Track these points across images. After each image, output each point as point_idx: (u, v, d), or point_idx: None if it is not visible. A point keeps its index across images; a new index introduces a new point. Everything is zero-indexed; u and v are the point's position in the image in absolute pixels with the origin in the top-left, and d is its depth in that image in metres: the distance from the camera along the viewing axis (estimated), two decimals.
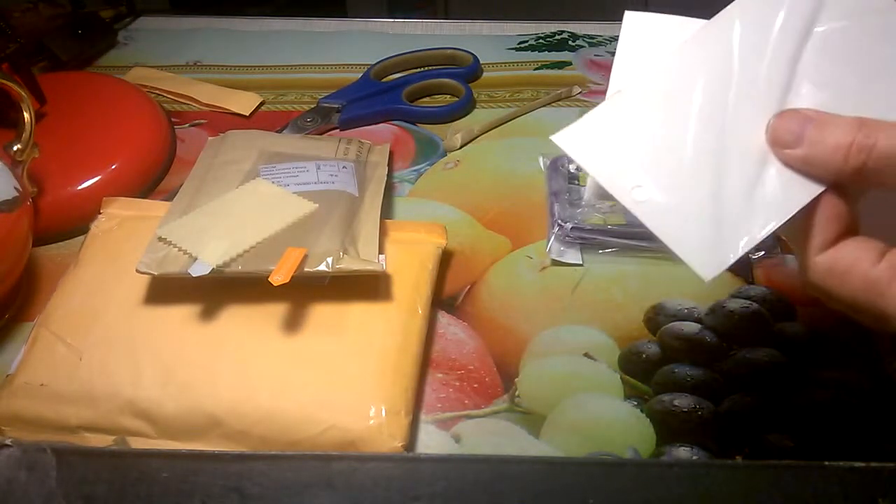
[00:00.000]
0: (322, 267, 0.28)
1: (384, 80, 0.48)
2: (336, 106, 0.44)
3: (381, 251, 0.30)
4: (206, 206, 0.31)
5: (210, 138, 0.38)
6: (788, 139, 0.19)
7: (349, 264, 0.28)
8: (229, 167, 0.34)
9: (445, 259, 0.34)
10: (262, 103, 0.46)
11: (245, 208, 0.31)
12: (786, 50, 0.20)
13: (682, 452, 0.28)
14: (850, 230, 0.19)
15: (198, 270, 0.28)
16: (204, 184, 0.33)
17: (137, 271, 0.29)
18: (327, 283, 0.30)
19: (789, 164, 0.19)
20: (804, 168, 0.19)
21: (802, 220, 0.19)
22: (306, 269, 0.28)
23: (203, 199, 0.32)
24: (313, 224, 0.30)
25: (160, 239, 0.30)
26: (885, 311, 0.18)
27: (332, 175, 0.33)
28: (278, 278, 0.27)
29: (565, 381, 0.30)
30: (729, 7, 0.21)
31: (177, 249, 0.29)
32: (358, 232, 0.31)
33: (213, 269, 0.28)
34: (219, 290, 0.30)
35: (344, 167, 0.34)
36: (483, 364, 0.31)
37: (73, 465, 0.24)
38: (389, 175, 0.37)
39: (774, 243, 0.35)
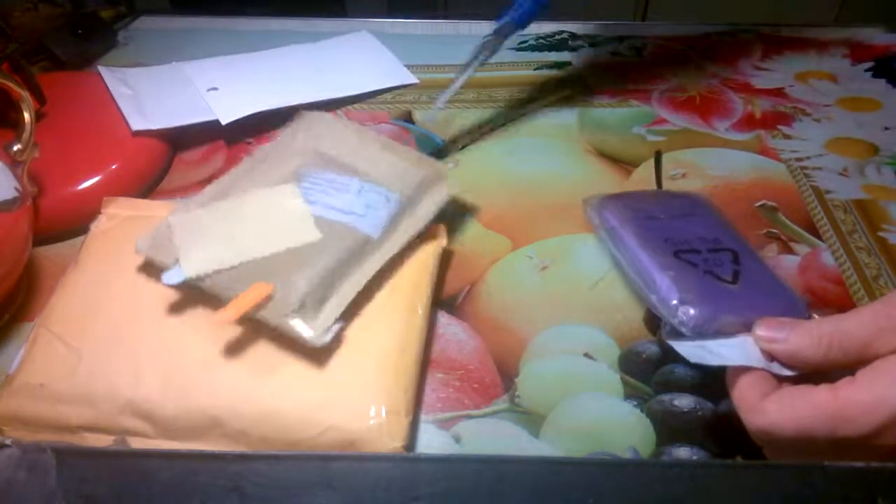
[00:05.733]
0: (267, 317, 0.27)
1: None
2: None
3: (343, 318, 0.28)
4: (224, 203, 0.31)
5: (304, 112, 0.37)
6: (774, 337, 0.25)
7: (289, 328, 0.27)
8: (285, 158, 0.33)
9: (445, 259, 0.34)
10: None
11: (254, 218, 0.30)
12: None
13: (682, 452, 0.28)
14: (776, 388, 0.24)
15: (170, 278, 0.28)
16: (255, 167, 0.33)
17: (136, 248, 0.29)
18: None
19: (776, 355, 0.25)
20: (788, 357, 0.24)
21: (742, 383, 0.24)
22: (259, 314, 0.27)
23: (242, 186, 0.32)
24: (303, 258, 0.29)
25: (169, 225, 0.30)
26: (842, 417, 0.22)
27: (366, 205, 0.31)
28: (226, 316, 0.26)
29: (565, 381, 0.30)
30: None
31: (172, 244, 0.29)
32: (338, 289, 0.28)
33: (184, 280, 0.28)
34: None
35: (388, 198, 0.31)
36: (483, 364, 0.31)
37: (73, 466, 0.24)
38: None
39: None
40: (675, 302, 0.27)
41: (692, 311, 0.27)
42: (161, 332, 0.29)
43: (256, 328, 0.29)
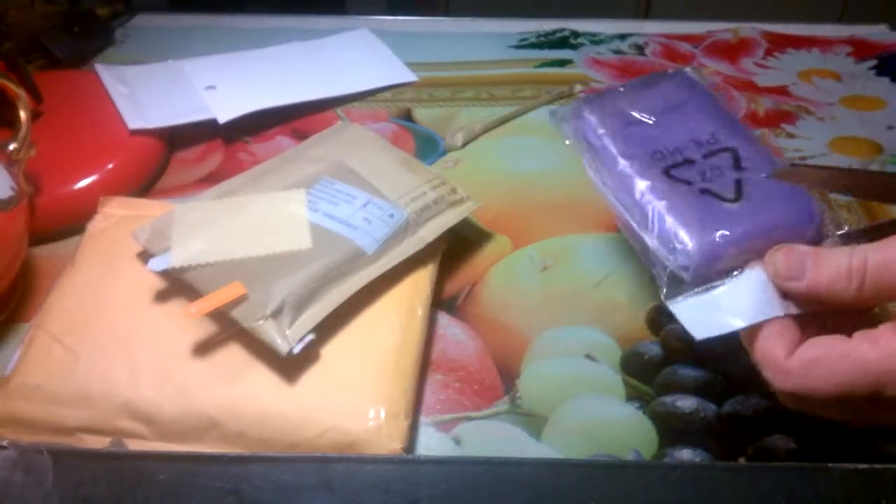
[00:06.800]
0: (240, 319, 0.27)
1: None
2: None
3: (313, 331, 0.27)
4: (229, 200, 0.31)
5: (339, 123, 0.38)
6: (792, 273, 0.21)
7: (260, 333, 0.26)
8: (309, 162, 0.33)
9: (445, 259, 0.34)
10: None
11: (253, 218, 0.30)
12: None
13: (685, 454, 0.28)
14: (800, 340, 0.21)
15: (155, 264, 0.28)
16: (277, 167, 0.33)
17: (133, 233, 0.30)
18: None
19: (794, 294, 0.21)
20: (808, 296, 0.21)
21: (764, 338, 0.21)
22: (232, 314, 0.27)
23: (257, 186, 0.32)
24: (289, 264, 0.28)
25: (170, 214, 0.30)
26: (883, 369, 0.19)
27: (366, 219, 0.30)
28: (192, 311, 0.26)
29: (567, 382, 0.30)
30: None
31: (168, 232, 0.29)
32: (318, 299, 0.27)
33: (168, 268, 0.28)
34: None
35: (392, 215, 0.30)
36: (483, 365, 0.31)
37: (70, 467, 0.24)
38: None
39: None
40: (669, 241, 0.23)
41: (691, 253, 0.23)
42: (159, 332, 0.28)
43: None
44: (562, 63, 0.50)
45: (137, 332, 0.29)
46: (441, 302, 0.34)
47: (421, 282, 0.31)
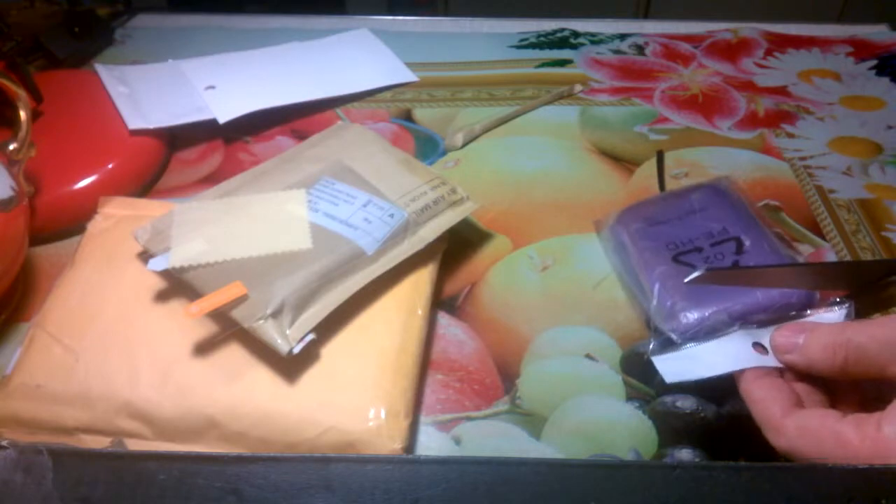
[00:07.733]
0: (240, 319, 0.27)
1: None
2: None
3: (314, 331, 0.27)
4: (229, 200, 0.31)
5: (339, 123, 0.38)
6: (787, 348, 0.24)
7: (260, 333, 0.26)
8: (309, 162, 0.33)
9: (445, 259, 0.34)
10: None
11: (253, 218, 0.30)
12: None
13: (685, 454, 0.28)
14: (799, 403, 0.24)
15: (155, 264, 0.28)
16: (277, 166, 0.33)
17: (133, 233, 0.30)
18: None
19: (791, 366, 0.24)
20: (803, 368, 0.24)
21: (762, 399, 0.24)
22: (232, 314, 0.27)
23: (257, 186, 0.32)
24: (289, 264, 0.28)
25: (171, 214, 0.30)
26: (848, 454, 0.22)
27: (366, 219, 0.30)
28: (193, 310, 0.26)
29: (567, 382, 0.30)
30: None
31: (169, 233, 0.29)
32: (318, 299, 0.27)
33: (167, 268, 0.28)
34: None
35: (392, 215, 0.30)
36: (483, 365, 0.31)
37: (70, 467, 0.24)
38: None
39: None
40: (665, 310, 0.27)
41: (680, 317, 0.27)
42: (159, 332, 0.29)
43: None
44: (562, 63, 0.50)
45: (137, 332, 0.29)
46: (441, 302, 0.34)
47: (421, 282, 0.31)
